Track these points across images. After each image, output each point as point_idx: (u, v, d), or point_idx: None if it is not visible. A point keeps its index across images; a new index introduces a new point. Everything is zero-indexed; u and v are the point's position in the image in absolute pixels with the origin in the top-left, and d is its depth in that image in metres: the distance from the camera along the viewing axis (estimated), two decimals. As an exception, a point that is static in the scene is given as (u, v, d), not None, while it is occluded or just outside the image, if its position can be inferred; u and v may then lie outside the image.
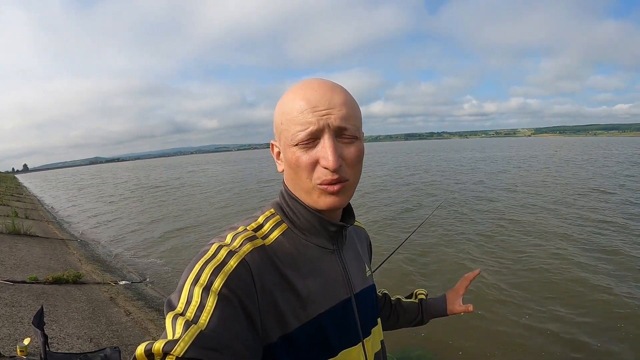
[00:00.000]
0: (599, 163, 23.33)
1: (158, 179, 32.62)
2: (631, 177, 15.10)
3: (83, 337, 3.30)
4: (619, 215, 8.42)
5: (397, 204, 11.33)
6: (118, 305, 4.37)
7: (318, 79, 0.65)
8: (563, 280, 4.99)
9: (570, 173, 17.60)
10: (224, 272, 0.56)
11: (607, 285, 4.73)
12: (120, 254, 8.03)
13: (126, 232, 10.31)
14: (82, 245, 8.45)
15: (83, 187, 31.47)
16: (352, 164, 0.63)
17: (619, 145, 57.31)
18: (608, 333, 3.75)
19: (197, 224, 10.47)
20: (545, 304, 4.38)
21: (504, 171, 20.38)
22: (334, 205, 0.64)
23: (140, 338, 3.50)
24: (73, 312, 3.88)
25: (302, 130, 0.60)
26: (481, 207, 10.12)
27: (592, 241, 6.61)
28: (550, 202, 10.23)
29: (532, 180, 15.32)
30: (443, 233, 7.63)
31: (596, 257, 5.76)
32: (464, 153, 45.30)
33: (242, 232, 0.65)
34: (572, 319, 4.06)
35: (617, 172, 17.26)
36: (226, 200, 15.19)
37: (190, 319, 0.51)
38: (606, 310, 4.17)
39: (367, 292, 0.79)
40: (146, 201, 17.12)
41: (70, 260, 6.48)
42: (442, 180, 17.23)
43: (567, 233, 7.17)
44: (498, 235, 7.29)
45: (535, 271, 5.37)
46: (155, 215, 12.58)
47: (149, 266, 6.95)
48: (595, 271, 5.23)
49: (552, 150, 44.52)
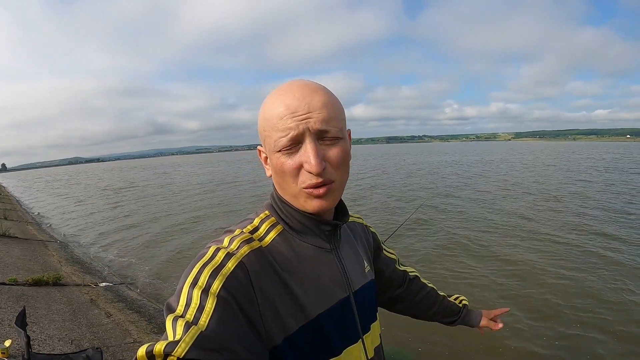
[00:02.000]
0: (571, 166, 24.16)
1: (137, 180, 32.25)
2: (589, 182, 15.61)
3: (64, 338, 3.35)
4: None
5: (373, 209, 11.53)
6: (99, 307, 4.40)
7: (299, 81, 0.65)
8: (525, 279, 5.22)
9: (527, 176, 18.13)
10: (222, 274, 0.57)
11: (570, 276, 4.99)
12: (100, 255, 7.97)
13: (106, 233, 10.21)
14: (62, 247, 8.37)
15: (61, 187, 30.93)
16: (336, 165, 0.64)
17: (596, 149, 58.92)
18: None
19: (175, 226, 10.44)
20: (522, 302, 4.59)
21: (476, 176, 20.80)
22: (322, 208, 0.65)
23: (121, 339, 3.55)
24: (54, 313, 3.91)
25: (284, 136, 0.61)
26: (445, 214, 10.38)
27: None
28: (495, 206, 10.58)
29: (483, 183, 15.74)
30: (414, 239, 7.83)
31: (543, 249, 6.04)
32: (443, 157, 46.00)
33: (239, 234, 0.66)
34: (558, 318, 4.21)
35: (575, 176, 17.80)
36: (204, 201, 15.15)
37: (190, 321, 0.51)
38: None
39: (366, 288, 0.79)
40: (126, 202, 16.94)
41: (50, 262, 6.44)
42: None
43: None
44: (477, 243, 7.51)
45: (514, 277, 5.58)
46: (135, 217, 12.48)
47: (129, 268, 6.93)
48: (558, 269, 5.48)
49: (528, 154, 45.55)
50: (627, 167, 23.18)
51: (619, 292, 4.74)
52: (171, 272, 6.42)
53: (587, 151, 51.83)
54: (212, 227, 9.99)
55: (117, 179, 37.17)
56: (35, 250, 7.29)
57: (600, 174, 18.88)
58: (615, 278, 5.16)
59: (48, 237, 9.38)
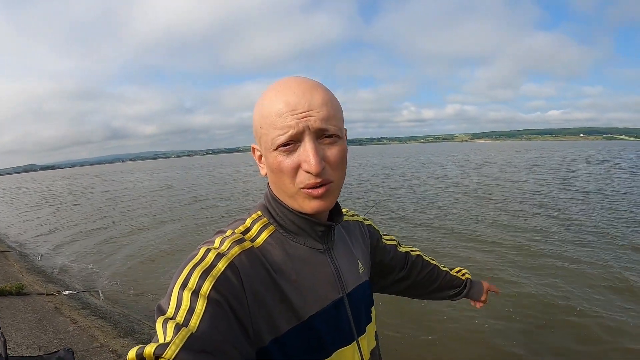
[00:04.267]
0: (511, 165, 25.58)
1: (92, 188, 31.34)
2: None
3: (32, 346, 3.56)
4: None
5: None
6: (63, 315, 4.57)
7: (298, 77, 0.63)
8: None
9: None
10: (213, 276, 0.56)
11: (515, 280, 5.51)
12: (60, 263, 7.90)
13: (66, 241, 10.03)
14: (22, 257, 8.27)
15: (16, 197, 29.55)
16: (335, 165, 0.63)
17: (547, 148, 61.71)
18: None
19: (131, 232, 10.49)
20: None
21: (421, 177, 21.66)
22: (320, 208, 0.64)
23: (89, 344, 3.78)
24: (19, 322, 4.08)
25: (282, 134, 0.59)
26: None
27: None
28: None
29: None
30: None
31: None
32: (400, 158, 47.26)
33: (230, 235, 0.65)
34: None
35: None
36: (159, 209, 15.09)
37: (180, 323, 0.51)
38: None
39: (360, 289, 0.78)
40: (79, 210, 16.55)
41: (11, 272, 6.46)
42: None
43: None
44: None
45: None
46: (92, 224, 12.31)
47: (89, 275, 7.00)
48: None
49: (472, 154, 47.12)
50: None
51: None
52: (131, 277, 6.54)
53: (537, 150, 54.13)
54: (166, 230, 10.18)
55: (67, 187, 35.80)
56: (-7, 260, 7.24)
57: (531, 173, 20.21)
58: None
59: (7, 248, 9.19)
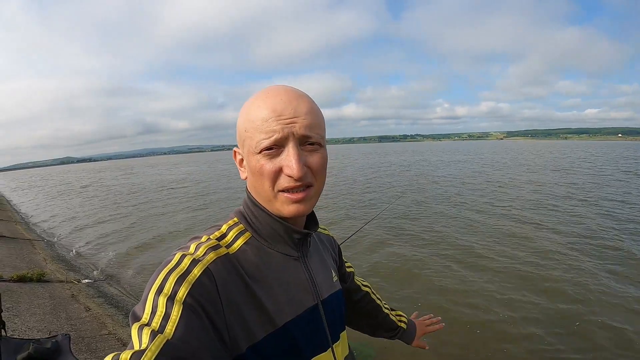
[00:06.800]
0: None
1: (128, 182, 32.36)
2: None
3: (43, 330, 3.64)
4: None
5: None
6: (79, 302, 4.68)
7: (284, 86, 0.65)
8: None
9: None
10: (188, 281, 0.56)
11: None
12: (85, 253, 8.24)
13: (92, 232, 10.44)
14: (49, 246, 8.63)
15: (52, 188, 31.01)
16: (316, 171, 0.64)
17: (588, 148, 59.08)
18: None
19: (158, 227, 10.71)
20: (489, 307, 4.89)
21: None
22: (298, 212, 0.64)
23: (97, 331, 3.84)
24: (35, 307, 4.20)
25: (267, 138, 0.60)
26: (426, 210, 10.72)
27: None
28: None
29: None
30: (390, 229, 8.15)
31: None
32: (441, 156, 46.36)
33: (206, 241, 0.64)
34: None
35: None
36: (190, 204, 15.41)
37: (156, 329, 0.50)
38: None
39: (334, 297, 0.79)
40: (118, 204, 17.09)
41: (35, 260, 6.70)
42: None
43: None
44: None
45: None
46: (121, 217, 12.71)
47: (111, 265, 7.21)
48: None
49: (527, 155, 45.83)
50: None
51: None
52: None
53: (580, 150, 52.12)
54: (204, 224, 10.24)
55: (111, 178, 37.23)
56: (22, 248, 7.55)
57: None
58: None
59: (36, 236, 9.62)
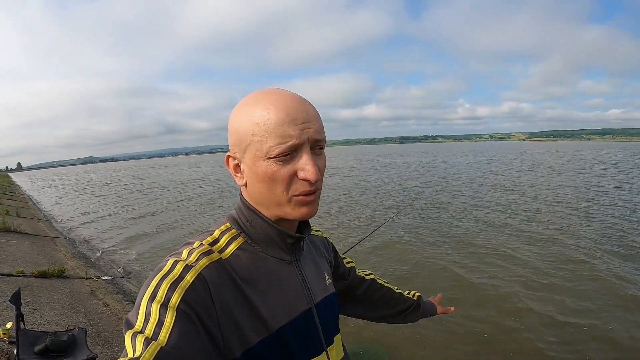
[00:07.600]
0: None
1: (151, 181, 32.92)
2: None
3: (61, 324, 3.66)
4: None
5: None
6: (97, 298, 4.72)
7: (280, 89, 0.65)
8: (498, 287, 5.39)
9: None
10: (181, 287, 0.56)
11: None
12: (106, 250, 8.36)
13: (113, 230, 10.64)
14: (70, 243, 8.80)
15: (75, 186, 31.81)
16: (322, 173, 0.66)
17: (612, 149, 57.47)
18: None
19: (179, 224, 10.85)
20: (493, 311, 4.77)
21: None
22: (309, 214, 0.65)
23: (114, 327, 3.85)
24: (55, 302, 4.24)
25: (282, 143, 0.59)
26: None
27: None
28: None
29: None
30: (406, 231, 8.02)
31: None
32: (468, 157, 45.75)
33: (198, 247, 0.64)
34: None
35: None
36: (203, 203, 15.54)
37: (149, 336, 0.50)
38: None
39: (328, 301, 0.79)
40: (139, 202, 17.39)
41: (56, 257, 6.82)
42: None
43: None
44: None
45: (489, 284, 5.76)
46: (141, 215, 12.93)
47: (131, 262, 7.29)
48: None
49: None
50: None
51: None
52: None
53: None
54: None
55: (132, 178, 37.96)
56: (44, 245, 7.71)
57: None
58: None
59: (57, 234, 9.83)
